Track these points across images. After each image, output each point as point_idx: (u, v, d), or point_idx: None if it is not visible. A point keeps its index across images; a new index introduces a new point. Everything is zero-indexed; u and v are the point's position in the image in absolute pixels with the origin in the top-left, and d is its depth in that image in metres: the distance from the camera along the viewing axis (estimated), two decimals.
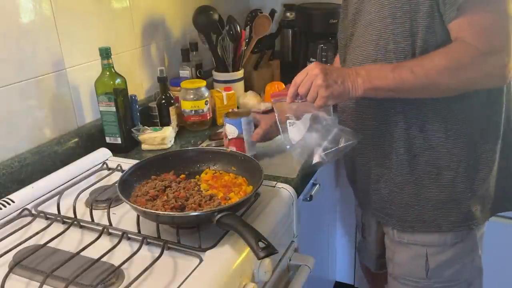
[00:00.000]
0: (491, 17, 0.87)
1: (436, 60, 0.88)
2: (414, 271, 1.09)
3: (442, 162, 1.00)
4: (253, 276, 0.86)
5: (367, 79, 0.89)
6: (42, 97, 1.19)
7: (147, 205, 0.91)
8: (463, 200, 1.02)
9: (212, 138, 1.40)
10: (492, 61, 0.86)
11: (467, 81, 0.89)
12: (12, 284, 0.78)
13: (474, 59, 0.86)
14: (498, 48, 0.86)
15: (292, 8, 2.02)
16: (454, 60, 0.87)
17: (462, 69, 0.87)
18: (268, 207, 0.99)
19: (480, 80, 0.89)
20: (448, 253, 1.06)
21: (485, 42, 0.86)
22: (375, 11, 0.96)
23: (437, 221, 1.04)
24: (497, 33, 0.86)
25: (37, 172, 1.13)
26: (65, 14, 1.23)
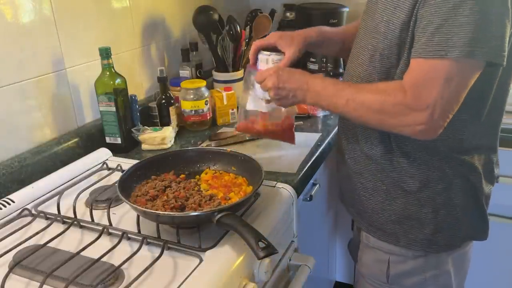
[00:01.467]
0: (434, 73, 0.83)
1: (367, 97, 0.91)
2: (376, 274, 1.11)
3: (409, 181, 1.00)
4: (253, 276, 0.86)
5: (314, 98, 0.98)
6: (42, 97, 1.19)
7: (147, 205, 0.91)
8: (426, 222, 1.02)
9: (212, 138, 1.40)
10: (413, 116, 0.85)
11: (387, 126, 0.91)
12: (12, 284, 0.78)
13: (397, 109, 0.87)
14: (423, 106, 0.84)
15: (292, 8, 2.02)
16: (379, 103, 0.89)
17: (384, 114, 0.89)
18: (268, 207, 0.99)
19: (398, 128, 0.89)
20: (409, 264, 1.06)
21: (415, 95, 0.85)
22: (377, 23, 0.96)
23: (396, 234, 1.05)
24: (431, 91, 0.83)
25: (37, 172, 1.13)
26: (65, 14, 1.23)
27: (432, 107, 0.84)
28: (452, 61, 0.81)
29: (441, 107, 0.84)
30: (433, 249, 1.04)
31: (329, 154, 1.38)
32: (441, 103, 0.83)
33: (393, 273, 1.08)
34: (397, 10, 0.90)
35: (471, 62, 0.82)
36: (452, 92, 0.84)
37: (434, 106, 0.83)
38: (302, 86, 0.98)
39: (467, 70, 0.83)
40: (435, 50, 0.82)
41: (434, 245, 1.03)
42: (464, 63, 0.82)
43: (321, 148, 1.30)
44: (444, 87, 0.83)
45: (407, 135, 0.90)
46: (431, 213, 1.01)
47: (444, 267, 1.07)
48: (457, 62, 0.81)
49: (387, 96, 0.89)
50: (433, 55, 0.83)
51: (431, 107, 0.84)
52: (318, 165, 1.29)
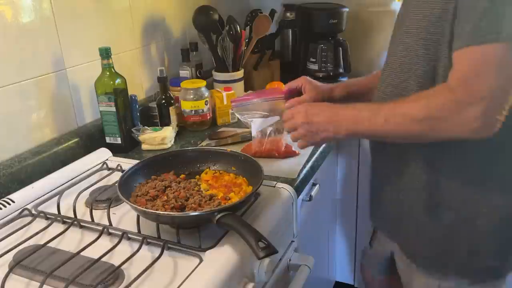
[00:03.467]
0: (485, 60, 0.77)
1: (409, 107, 0.83)
2: None
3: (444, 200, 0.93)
4: (253, 276, 0.86)
5: (349, 127, 0.91)
6: (42, 97, 1.19)
7: (147, 205, 0.91)
8: (461, 245, 0.94)
9: (212, 138, 1.40)
10: (466, 112, 0.77)
11: (438, 133, 0.82)
12: (12, 284, 0.78)
13: (446, 109, 0.79)
14: (477, 99, 0.76)
15: (292, 8, 2.02)
16: (424, 109, 0.81)
17: (432, 120, 0.80)
18: (268, 207, 0.99)
19: (452, 132, 0.80)
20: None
21: (466, 89, 0.77)
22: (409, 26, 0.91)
23: (430, 258, 0.99)
24: (483, 81, 0.76)
25: (37, 172, 1.13)
26: (65, 14, 1.23)
27: (488, 98, 0.75)
28: (504, 44, 0.75)
29: (497, 97, 0.76)
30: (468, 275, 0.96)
31: (329, 154, 1.38)
32: (497, 92, 0.76)
33: None
34: (429, 4, 0.85)
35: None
36: (507, 80, 0.76)
37: (489, 96, 0.75)
38: (333, 118, 0.92)
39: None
40: (484, 35, 0.75)
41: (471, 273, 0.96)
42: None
43: (321, 148, 1.30)
44: (498, 74, 0.75)
45: (464, 137, 0.81)
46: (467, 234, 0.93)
47: None
48: (508, 46, 0.75)
49: (432, 99, 0.81)
50: (483, 41, 0.75)
51: (486, 98, 0.75)
52: (318, 165, 1.29)
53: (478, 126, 0.77)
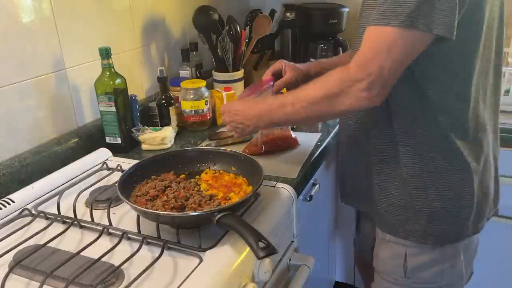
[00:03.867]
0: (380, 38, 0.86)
1: (309, 90, 0.96)
2: (393, 269, 1.12)
3: (401, 172, 1.03)
4: (253, 276, 0.86)
5: (265, 120, 1.04)
6: (42, 97, 1.19)
7: (147, 205, 0.91)
8: (420, 213, 1.04)
9: (212, 138, 1.40)
10: (356, 85, 0.88)
11: (338, 108, 0.93)
12: (12, 284, 0.78)
13: (342, 86, 0.90)
14: (366, 74, 0.87)
15: (292, 8, 2.02)
16: (323, 89, 0.93)
17: (331, 98, 0.92)
18: (268, 207, 0.99)
19: (348, 104, 0.91)
20: (427, 257, 1.07)
21: (359, 66, 0.88)
22: (365, 17, 1.00)
23: (394, 225, 1.08)
24: (375, 57, 0.86)
25: (37, 172, 1.13)
26: (65, 14, 1.23)
27: (374, 74, 0.87)
28: (394, 29, 0.84)
29: (383, 73, 0.87)
30: (429, 240, 1.05)
31: (329, 154, 1.38)
32: (383, 70, 0.86)
33: (411, 266, 1.09)
34: None
35: (414, 33, 0.84)
36: (395, 60, 0.86)
37: (376, 72, 0.86)
38: (249, 114, 1.07)
39: (410, 41, 0.86)
40: (381, 18, 0.85)
41: (430, 235, 1.05)
42: (407, 33, 0.84)
43: (321, 148, 1.30)
44: (387, 55, 0.86)
45: (356, 108, 0.93)
46: (423, 203, 1.03)
47: (460, 257, 1.09)
48: (399, 31, 0.84)
49: (329, 78, 0.93)
50: (378, 23, 0.86)
51: (372, 74, 0.87)
52: (318, 165, 1.29)
53: (365, 97, 0.89)
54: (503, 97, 1.59)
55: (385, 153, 1.05)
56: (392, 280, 1.13)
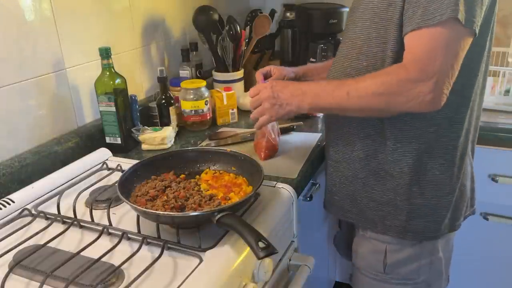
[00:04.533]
0: (435, 41, 0.86)
1: (369, 83, 0.92)
2: (373, 265, 1.14)
3: (388, 168, 1.04)
4: (253, 276, 0.86)
5: (312, 100, 0.99)
6: (42, 97, 1.19)
7: (147, 205, 0.91)
8: (401, 209, 1.05)
9: (212, 138, 1.40)
10: (419, 87, 0.87)
11: (395, 106, 0.92)
12: (12, 284, 0.78)
13: (402, 85, 0.88)
14: (428, 76, 0.86)
15: (292, 8, 2.02)
16: (383, 85, 0.91)
17: (390, 95, 0.90)
18: (268, 207, 0.99)
19: (407, 105, 0.90)
20: (406, 252, 1.09)
21: (418, 68, 0.87)
22: (361, 12, 1.00)
23: (373, 220, 1.09)
24: (434, 59, 0.86)
25: (37, 172, 1.13)
26: (65, 14, 1.23)
27: (438, 74, 0.85)
28: (448, 26, 0.84)
29: (445, 73, 0.86)
30: (408, 236, 1.07)
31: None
32: (445, 69, 0.86)
33: (390, 262, 1.10)
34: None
35: (463, 28, 0.85)
36: (452, 58, 0.86)
37: (439, 73, 0.85)
38: (297, 92, 1.00)
39: (462, 35, 0.86)
40: (432, 17, 0.85)
41: (409, 231, 1.06)
42: (458, 28, 0.85)
43: (321, 148, 1.30)
44: (446, 53, 0.85)
45: (416, 110, 0.91)
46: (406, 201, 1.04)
47: (438, 253, 1.10)
48: (452, 28, 0.84)
49: (389, 76, 0.90)
50: (431, 23, 0.85)
51: (436, 75, 0.85)
52: (318, 165, 1.29)
53: (429, 100, 0.87)
54: (503, 97, 1.59)
55: (372, 149, 1.05)
56: (372, 275, 1.15)
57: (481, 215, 1.55)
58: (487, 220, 1.55)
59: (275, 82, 1.04)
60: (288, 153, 1.28)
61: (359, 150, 1.07)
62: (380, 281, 1.14)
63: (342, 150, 1.10)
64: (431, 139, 1.00)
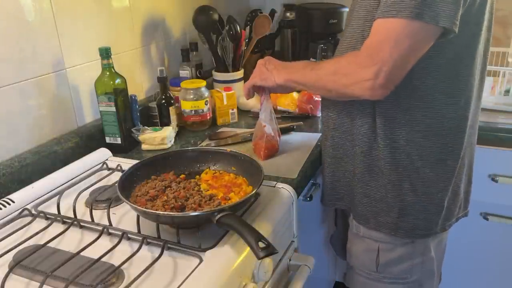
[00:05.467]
0: (387, 32, 0.87)
1: (327, 64, 1.01)
2: (366, 263, 1.15)
3: (380, 165, 1.05)
4: (253, 276, 0.86)
5: (287, 74, 1.08)
6: (42, 97, 1.19)
7: (147, 205, 0.91)
8: (392, 206, 1.06)
9: (212, 138, 1.40)
10: (362, 72, 0.90)
11: (340, 87, 0.96)
12: (12, 284, 0.78)
13: (349, 68, 0.93)
14: (373, 62, 0.88)
15: (292, 8, 2.02)
16: (335, 65, 0.98)
17: (338, 75, 0.95)
18: (268, 207, 0.99)
19: (350, 88, 0.93)
20: (398, 252, 1.10)
21: (368, 54, 0.90)
22: (356, 11, 1.01)
23: (366, 216, 1.10)
24: (381, 49, 0.88)
25: (37, 172, 1.13)
26: (65, 14, 1.23)
27: (380, 64, 0.87)
28: (403, 21, 0.85)
29: (389, 65, 0.87)
30: (399, 233, 1.07)
31: None
32: (390, 61, 0.87)
33: (383, 261, 1.11)
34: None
35: (422, 25, 0.85)
36: (402, 53, 0.87)
37: (382, 63, 0.87)
38: (279, 65, 1.11)
39: (418, 33, 0.86)
40: (388, 10, 0.86)
41: (400, 229, 1.07)
42: (415, 25, 0.85)
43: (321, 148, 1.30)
44: (395, 46, 0.86)
45: (358, 95, 0.93)
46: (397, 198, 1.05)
47: (430, 253, 1.11)
48: (407, 23, 0.85)
49: (342, 58, 0.97)
50: (386, 15, 0.87)
51: (379, 64, 0.87)
52: (318, 165, 1.29)
53: (369, 87, 0.90)
54: (503, 97, 1.59)
55: (366, 145, 1.05)
56: (365, 274, 1.16)
57: (481, 215, 1.55)
58: (487, 220, 1.55)
59: (269, 57, 1.16)
60: (288, 153, 1.28)
61: (356, 146, 1.08)
62: (373, 280, 1.15)
63: (342, 147, 1.11)
64: (419, 138, 1.00)
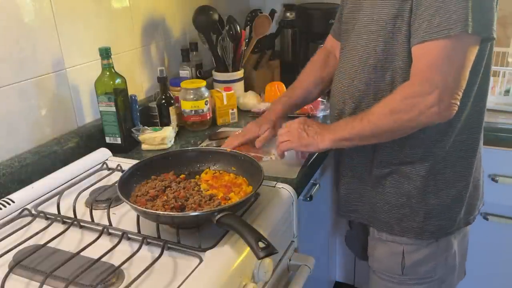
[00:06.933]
0: (437, 54, 0.87)
1: (378, 107, 0.95)
2: (391, 267, 1.13)
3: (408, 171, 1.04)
4: (253, 276, 0.86)
5: (332, 134, 1.03)
6: (42, 97, 1.19)
7: (147, 205, 0.91)
8: (417, 211, 1.06)
9: (212, 138, 1.40)
10: (424, 101, 0.89)
11: (405, 124, 0.93)
12: (12, 284, 0.78)
13: (408, 102, 0.91)
14: (432, 88, 0.87)
15: (292, 8, 2.02)
16: (390, 104, 0.93)
17: (397, 113, 0.92)
18: (268, 207, 0.99)
19: (417, 121, 0.92)
20: (423, 252, 1.09)
21: (422, 81, 0.89)
22: (366, 23, 1.00)
23: (389, 223, 1.09)
24: (435, 72, 0.87)
25: (37, 172, 1.13)
26: (65, 14, 1.23)
27: (440, 86, 0.87)
28: (452, 39, 0.85)
29: (449, 85, 0.87)
30: (425, 235, 1.07)
31: (329, 154, 1.38)
32: (448, 81, 0.87)
33: (408, 263, 1.10)
34: (387, 7, 0.94)
35: (470, 38, 0.86)
36: (457, 69, 0.87)
37: (441, 85, 0.87)
38: (320, 129, 1.06)
39: (467, 45, 0.87)
40: (438, 30, 0.86)
41: (426, 231, 1.06)
42: (464, 38, 0.86)
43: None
44: (448, 65, 0.87)
45: (428, 123, 0.93)
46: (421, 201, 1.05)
47: (452, 249, 1.11)
48: (456, 39, 0.86)
49: (393, 95, 0.94)
50: (437, 36, 0.86)
51: (439, 87, 0.87)
52: (318, 165, 1.29)
53: (435, 112, 0.89)
54: (503, 97, 1.59)
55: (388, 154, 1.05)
56: (388, 278, 1.15)
57: (481, 215, 1.55)
58: (487, 220, 1.55)
59: (305, 119, 1.10)
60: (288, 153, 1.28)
61: (375, 155, 1.07)
62: (397, 283, 1.14)
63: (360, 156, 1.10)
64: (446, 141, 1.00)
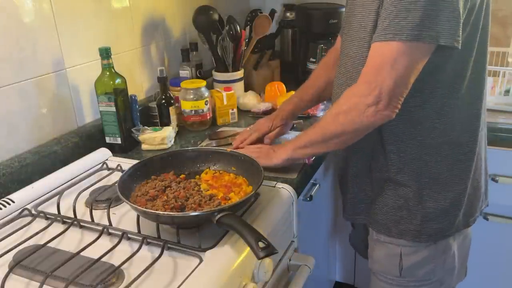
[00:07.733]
0: (383, 56, 0.88)
1: (328, 112, 1.00)
2: (389, 269, 1.13)
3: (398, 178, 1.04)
4: (253, 276, 0.86)
5: (292, 144, 1.09)
6: (42, 97, 1.19)
7: (147, 205, 0.91)
8: (414, 214, 1.05)
9: (212, 138, 1.40)
10: (364, 100, 0.90)
11: (349, 125, 0.95)
12: (12, 284, 0.78)
13: (351, 102, 0.93)
14: (371, 88, 0.89)
15: (292, 8, 2.02)
16: (337, 107, 0.97)
17: (342, 114, 0.95)
18: (268, 207, 0.99)
19: (359, 120, 0.92)
20: (421, 254, 1.08)
21: (363, 81, 0.91)
22: (357, 29, 1.00)
23: (387, 225, 1.09)
24: (380, 72, 0.88)
25: (37, 172, 1.13)
26: (65, 14, 1.23)
27: (379, 88, 0.88)
28: (399, 44, 0.85)
29: (389, 87, 0.88)
30: (423, 238, 1.06)
31: (329, 154, 1.38)
32: (389, 84, 0.88)
33: (406, 265, 1.10)
34: (370, 13, 0.94)
35: (418, 45, 0.86)
36: (399, 74, 0.87)
37: (381, 86, 0.88)
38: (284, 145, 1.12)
39: (415, 53, 0.87)
40: (385, 34, 0.87)
41: (423, 234, 1.06)
42: (412, 46, 0.85)
43: None
44: (392, 69, 0.87)
45: (369, 125, 0.94)
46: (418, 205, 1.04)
47: (450, 251, 1.10)
48: (404, 45, 0.85)
49: (340, 99, 0.97)
50: (382, 39, 0.87)
51: (377, 88, 0.88)
52: (318, 165, 1.29)
53: (374, 111, 0.90)
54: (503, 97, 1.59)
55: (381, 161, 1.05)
56: (387, 280, 1.14)
57: (481, 215, 1.55)
58: (487, 220, 1.55)
59: None
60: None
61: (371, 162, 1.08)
62: (396, 285, 1.13)
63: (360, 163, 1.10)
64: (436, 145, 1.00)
